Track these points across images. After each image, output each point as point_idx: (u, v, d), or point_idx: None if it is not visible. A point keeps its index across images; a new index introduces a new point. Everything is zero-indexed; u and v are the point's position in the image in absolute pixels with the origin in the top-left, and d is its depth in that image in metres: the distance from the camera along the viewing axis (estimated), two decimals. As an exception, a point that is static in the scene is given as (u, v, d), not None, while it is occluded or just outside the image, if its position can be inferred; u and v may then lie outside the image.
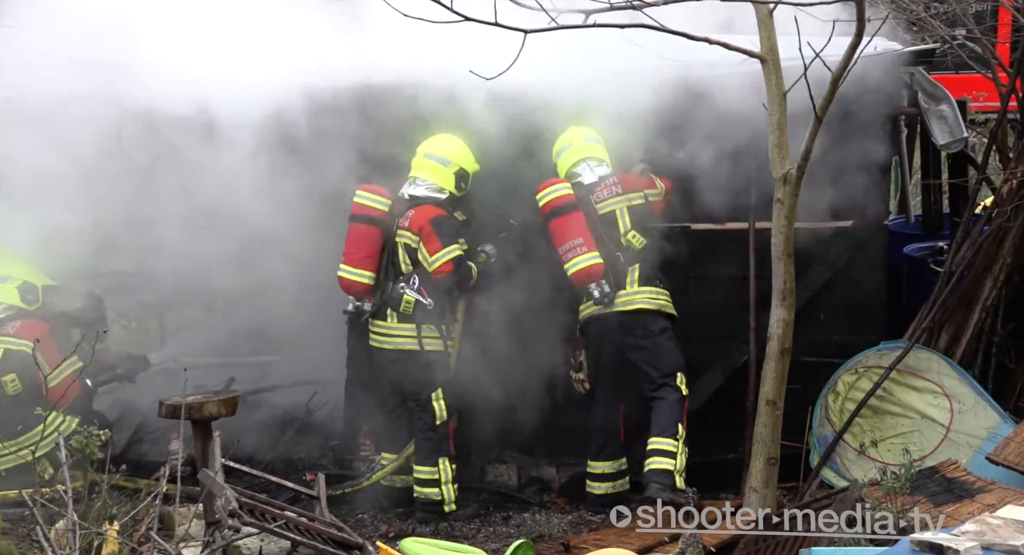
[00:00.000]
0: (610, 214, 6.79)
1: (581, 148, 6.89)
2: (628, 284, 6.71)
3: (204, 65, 6.43)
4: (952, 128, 7.26)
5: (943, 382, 6.83)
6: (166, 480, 5.45)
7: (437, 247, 6.73)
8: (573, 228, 6.65)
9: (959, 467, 6.26)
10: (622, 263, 6.71)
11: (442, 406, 6.83)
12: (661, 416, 6.69)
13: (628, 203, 6.80)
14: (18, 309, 7.16)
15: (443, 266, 6.73)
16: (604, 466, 6.91)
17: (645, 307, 6.70)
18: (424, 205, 6.81)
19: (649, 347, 6.70)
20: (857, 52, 5.60)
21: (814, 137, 5.90)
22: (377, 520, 6.96)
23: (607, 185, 6.83)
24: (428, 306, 6.75)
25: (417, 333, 6.77)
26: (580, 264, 6.62)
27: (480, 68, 5.26)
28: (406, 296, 6.75)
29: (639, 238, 6.75)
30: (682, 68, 6.61)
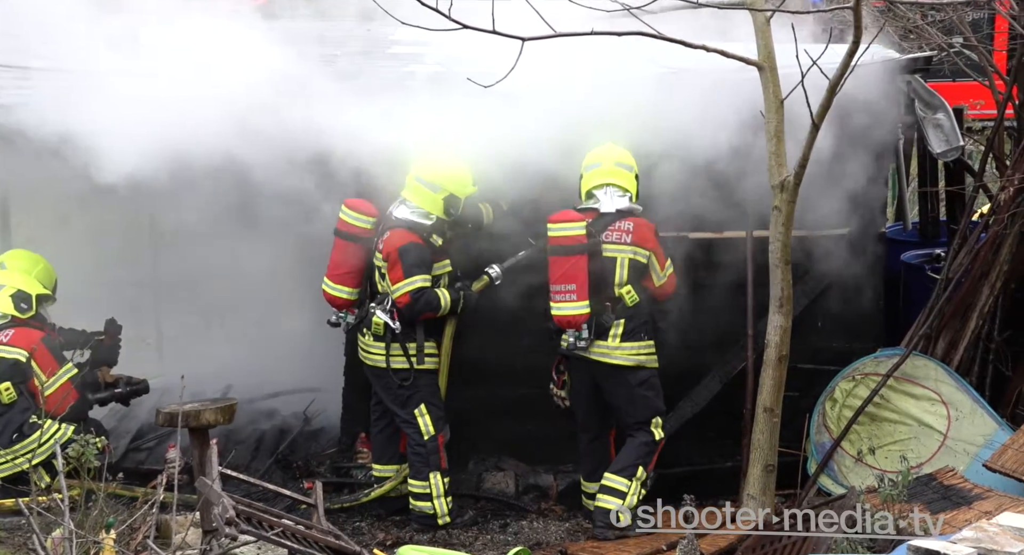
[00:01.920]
0: (611, 260, 6.60)
1: (608, 172, 6.66)
2: (610, 337, 6.57)
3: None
4: (948, 136, 7.28)
5: (940, 389, 6.83)
6: (163, 488, 5.45)
7: (398, 277, 6.68)
8: (571, 271, 6.50)
9: (956, 474, 6.25)
10: (608, 315, 6.57)
11: (427, 422, 6.81)
12: (625, 454, 6.67)
13: (632, 256, 6.60)
14: (11, 317, 7.15)
15: (401, 297, 6.69)
16: (597, 486, 6.78)
17: (623, 363, 6.62)
18: (399, 229, 6.73)
19: (624, 396, 6.65)
20: (854, 60, 5.61)
21: (811, 145, 5.91)
22: (374, 528, 6.95)
23: (620, 229, 6.60)
24: (395, 330, 6.74)
25: (386, 351, 6.77)
26: (565, 310, 6.52)
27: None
28: (375, 318, 6.75)
29: (633, 295, 6.60)
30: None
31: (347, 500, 7.08)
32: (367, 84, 6.97)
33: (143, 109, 6.47)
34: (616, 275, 6.60)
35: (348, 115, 6.51)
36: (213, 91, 6.54)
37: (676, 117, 6.55)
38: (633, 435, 6.69)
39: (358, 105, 6.58)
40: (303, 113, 6.55)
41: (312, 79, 6.84)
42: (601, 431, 6.88)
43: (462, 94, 5.83)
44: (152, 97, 6.55)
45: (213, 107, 6.46)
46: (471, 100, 5.83)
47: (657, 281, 6.66)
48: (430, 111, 6.57)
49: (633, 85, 6.67)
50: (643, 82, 6.67)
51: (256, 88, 6.59)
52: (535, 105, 6.39)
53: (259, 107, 6.54)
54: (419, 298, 6.67)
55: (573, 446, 7.07)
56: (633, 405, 6.64)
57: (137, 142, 6.39)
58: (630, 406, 6.65)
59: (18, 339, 7.05)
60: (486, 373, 7.04)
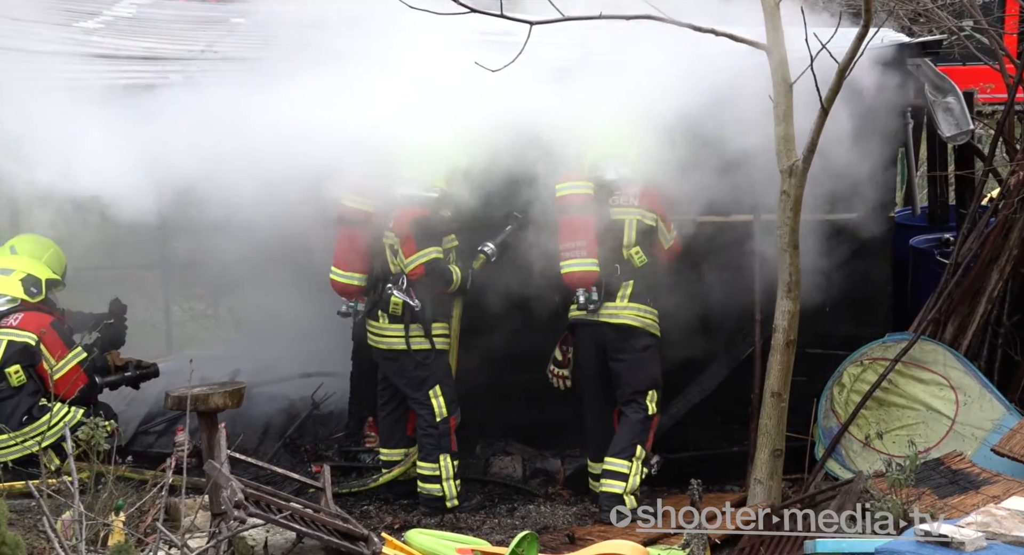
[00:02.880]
0: (619, 222, 6.68)
1: (613, 142, 6.72)
2: (618, 297, 6.64)
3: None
4: (958, 120, 7.24)
5: (949, 374, 6.82)
6: (172, 471, 5.47)
7: (412, 250, 6.71)
8: (579, 229, 6.57)
9: (964, 459, 6.26)
10: (617, 275, 6.63)
11: (441, 403, 6.83)
12: (621, 435, 6.70)
13: (640, 217, 6.68)
14: (21, 301, 7.17)
15: (415, 269, 6.71)
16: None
17: (631, 323, 6.66)
18: (407, 207, 6.76)
19: (628, 361, 6.67)
20: (863, 44, 5.59)
21: (820, 129, 5.90)
22: (382, 512, 6.97)
23: (627, 193, 6.69)
24: (415, 307, 6.74)
25: (405, 333, 6.78)
26: (575, 267, 6.56)
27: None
28: (394, 298, 6.76)
29: (641, 256, 6.67)
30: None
31: (356, 485, 7.11)
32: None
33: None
34: (625, 236, 6.67)
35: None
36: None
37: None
38: (627, 412, 6.70)
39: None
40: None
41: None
42: (606, 407, 6.87)
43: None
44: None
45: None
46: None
47: (665, 242, 6.77)
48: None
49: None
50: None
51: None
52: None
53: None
54: (433, 269, 6.69)
55: (580, 431, 7.08)
56: (634, 371, 6.68)
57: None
58: (631, 372, 6.68)
59: (27, 323, 7.07)
60: (493, 357, 7.04)
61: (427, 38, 6.22)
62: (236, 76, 6.84)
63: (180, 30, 8.15)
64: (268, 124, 6.59)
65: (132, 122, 6.58)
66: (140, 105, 6.67)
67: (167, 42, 7.77)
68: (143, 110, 6.62)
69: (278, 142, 6.55)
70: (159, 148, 6.56)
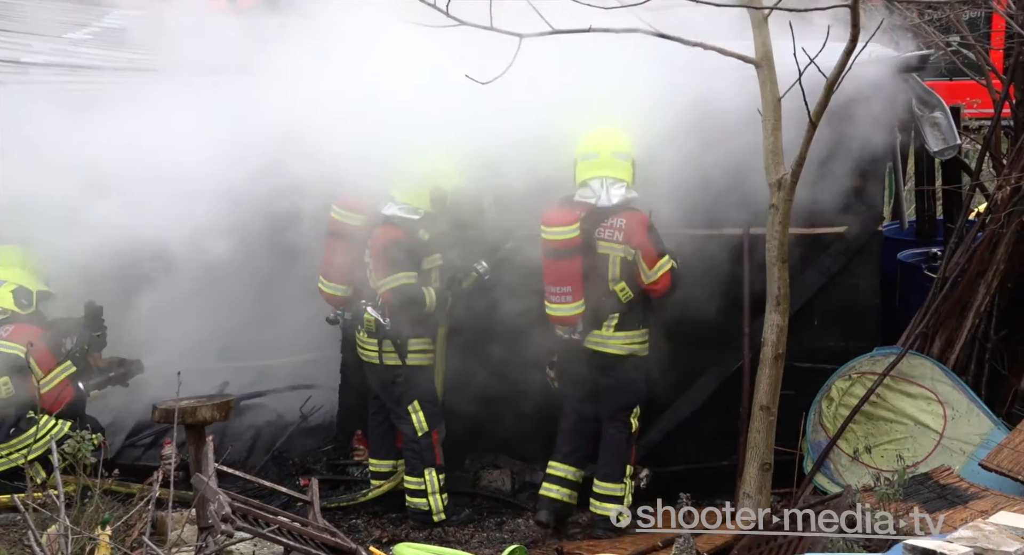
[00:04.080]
0: (604, 257, 6.57)
1: (605, 163, 6.55)
2: (604, 327, 6.57)
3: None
4: (945, 135, 7.28)
5: (937, 388, 6.83)
6: (159, 485, 5.45)
7: (383, 273, 6.72)
8: (566, 274, 6.46)
9: (952, 473, 6.26)
10: (604, 309, 6.56)
11: (421, 418, 6.82)
12: (607, 458, 6.66)
13: (623, 254, 6.54)
14: (12, 313, 7.15)
15: (385, 294, 6.72)
16: (567, 470, 6.74)
17: (616, 352, 6.61)
18: (388, 226, 6.75)
19: (614, 381, 6.64)
20: (851, 59, 5.61)
21: (809, 143, 5.92)
22: (371, 525, 6.95)
23: (612, 227, 6.52)
24: (385, 326, 6.74)
25: (379, 348, 6.79)
26: (561, 311, 6.49)
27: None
28: (366, 314, 6.77)
29: (627, 292, 6.56)
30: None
31: (344, 499, 7.09)
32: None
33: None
34: (610, 272, 6.58)
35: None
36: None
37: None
38: (610, 430, 6.66)
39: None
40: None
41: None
42: (583, 417, 6.76)
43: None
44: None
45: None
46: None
47: (646, 279, 6.54)
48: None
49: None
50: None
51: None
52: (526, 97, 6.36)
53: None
54: (403, 295, 6.67)
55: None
56: (620, 391, 6.65)
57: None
58: (617, 392, 6.65)
59: (17, 335, 7.05)
60: (481, 370, 7.03)
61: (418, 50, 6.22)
62: (217, 88, 6.85)
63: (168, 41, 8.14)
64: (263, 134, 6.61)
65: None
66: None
67: (153, 53, 7.77)
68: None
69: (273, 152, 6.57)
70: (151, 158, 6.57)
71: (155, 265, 7.22)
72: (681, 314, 6.92)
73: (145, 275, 7.36)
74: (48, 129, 6.73)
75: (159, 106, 6.86)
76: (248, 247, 7.04)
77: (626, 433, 6.66)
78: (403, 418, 6.85)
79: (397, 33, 6.03)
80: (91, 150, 6.70)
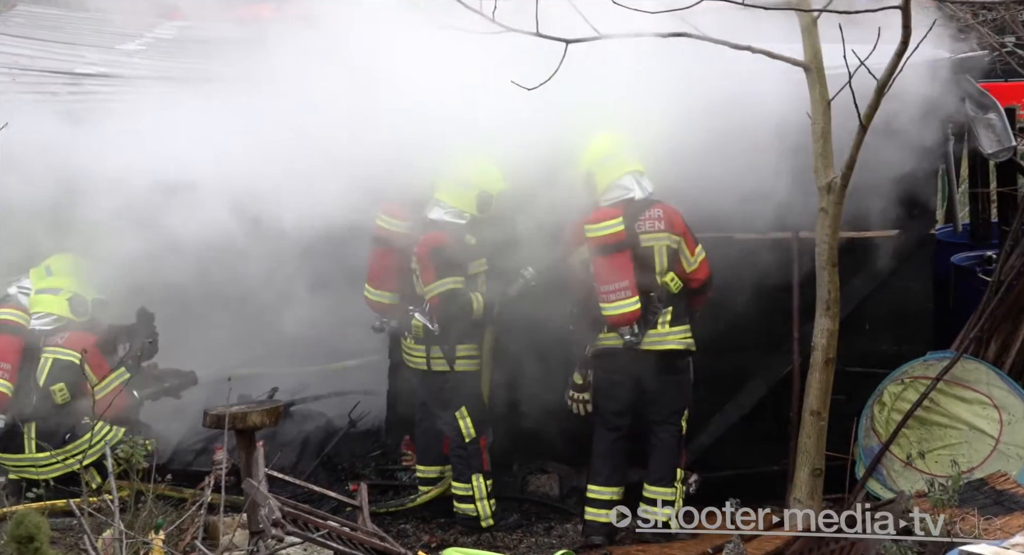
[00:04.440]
0: (649, 249, 6.56)
1: (628, 159, 6.61)
2: (659, 324, 6.54)
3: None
4: (1000, 136, 7.19)
5: (992, 393, 6.74)
6: (211, 490, 5.50)
7: (431, 278, 6.71)
8: (621, 269, 6.43)
9: (1009, 479, 6.17)
10: (656, 304, 6.53)
11: (468, 424, 6.82)
12: (659, 462, 6.61)
13: (668, 243, 6.55)
14: (68, 320, 7.25)
15: (432, 299, 6.72)
16: (610, 492, 6.67)
17: (676, 347, 6.58)
18: (433, 232, 6.76)
19: (671, 382, 6.60)
20: (902, 60, 5.55)
21: (859, 146, 5.86)
22: (419, 530, 6.97)
23: (652, 218, 6.55)
24: (434, 331, 6.75)
25: (427, 355, 6.80)
26: (621, 308, 6.43)
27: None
28: (414, 320, 6.78)
29: (676, 281, 6.54)
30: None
31: (393, 504, 7.11)
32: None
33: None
34: (657, 263, 6.55)
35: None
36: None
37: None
38: (659, 434, 6.60)
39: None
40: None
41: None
42: (629, 428, 6.73)
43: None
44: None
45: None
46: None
47: (688, 266, 6.56)
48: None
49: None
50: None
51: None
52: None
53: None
54: (450, 300, 6.68)
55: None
56: (677, 392, 6.61)
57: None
58: (674, 393, 6.60)
59: (72, 342, 7.15)
60: (529, 376, 7.02)
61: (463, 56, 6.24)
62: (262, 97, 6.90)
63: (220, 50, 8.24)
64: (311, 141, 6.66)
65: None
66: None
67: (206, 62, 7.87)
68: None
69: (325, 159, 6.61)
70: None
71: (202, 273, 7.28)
72: (731, 319, 6.88)
73: (195, 282, 7.44)
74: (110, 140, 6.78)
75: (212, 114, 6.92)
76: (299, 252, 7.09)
77: (677, 436, 6.62)
78: (451, 424, 6.86)
79: (442, 39, 6.03)
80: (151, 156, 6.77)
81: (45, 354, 7.12)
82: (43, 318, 7.23)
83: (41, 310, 7.24)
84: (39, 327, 7.21)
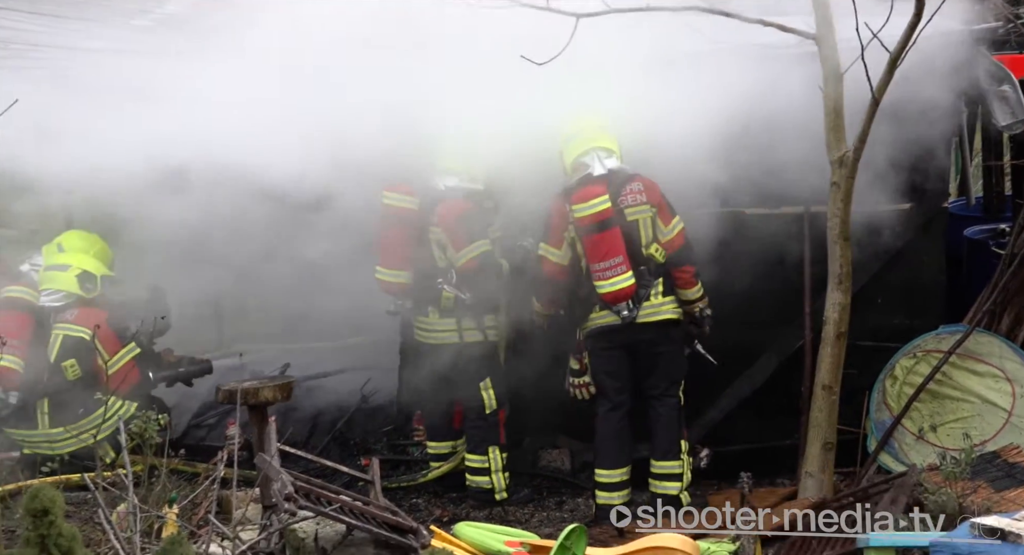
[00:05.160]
0: (634, 223, 6.56)
1: (592, 137, 6.61)
2: (653, 296, 6.55)
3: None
4: (1014, 109, 7.12)
5: (1005, 366, 6.72)
6: (224, 464, 5.52)
7: (462, 243, 6.71)
8: (612, 245, 6.43)
9: (1021, 452, 6.18)
10: (647, 277, 6.54)
11: (491, 395, 6.85)
12: (662, 436, 6.60)
13: (651, 214, 6.56)
14: (77, 297, 7.28)
15: (468, 263, 6.71)
16: (619, 474, 6.66)
17: (671, 317, 6.59)
18: (452, 200, 6.76)
19: (667, 353, 6.61)
20: (915, 33, 5.51)
21: (871, 119, 5.84)
22: (431, 504, 7.00)
23: (633, 191, 6.56)
24: (466, 300, 6.75)
25: (458, 327, 6.81)
26: (617, 285, 6.43)
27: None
28: (445, 292, 6.77)
29: (662, 251, 6.56)
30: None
31: (405, 479, 7.14)
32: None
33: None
34: (643, 236, 6.56)
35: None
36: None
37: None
38: (659, 408, 6.60)
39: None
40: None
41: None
42: (631, 404, 6.72)
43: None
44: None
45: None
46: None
47: (662, 236, 6.59)
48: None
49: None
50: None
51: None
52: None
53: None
54: (485, 262, 6.70)
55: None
56: (672, 361, 6.63)
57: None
58: (670, 364, 6.62)
59: (82, 318, 7.18)
60: (541, 350, 7.03)
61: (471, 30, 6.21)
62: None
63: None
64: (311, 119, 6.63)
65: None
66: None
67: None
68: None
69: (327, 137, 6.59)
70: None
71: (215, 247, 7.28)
72: (742, 293, 6.87)
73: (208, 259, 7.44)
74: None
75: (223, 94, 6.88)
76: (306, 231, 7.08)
77: (677, 408, 6.63)
78: (474, 396, 6.86)
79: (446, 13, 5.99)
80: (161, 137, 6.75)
81: (56, 330, 7.16)
82: (52, 294, 7.26)
83: (50, 286, 7.27)
84: (48, 303, 7.24)
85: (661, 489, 6.60)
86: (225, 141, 6.66)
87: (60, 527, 3.59)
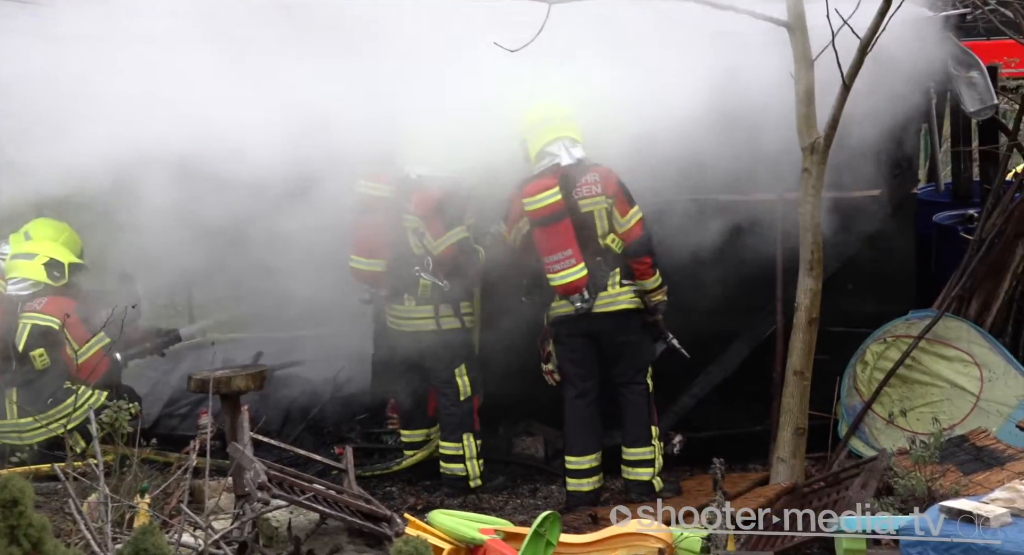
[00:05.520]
0: (589, 214, 6.56)
1: (559, 126, 6.58)
2: (609, 286, 6.56)
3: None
4: (982, 95, 7.17)
5: (973, 351, 6.78)
6: (196, 454, 5.50)
7: (440, 231, 6.70)
8: (562, 238, 6.44)
9: (989, 435, 6.23)
10: (603, 268, 6.55)
11: (466, 382, 6.85)
12: (633, 422, 6.63)
13: (607, 205, 6.55)
14: (45, 285, 7.21)
15: (446, 250, 6.72)
16: (589, 460, 6.69)
17: (628, 307, 6.60)
18: (428, 186, 6.73)
19: (631, 342, 6.62)
20: (885, 19, 5.54)
21: (842, 105, 5.86)
22: (405, 493, 7.00)
23: (589, 183, 6.55)
24: (444, 288, 6.75)
25: (435, 314, 6.81)
26: (567, 277, 6.44)
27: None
28: (422, 280, 6.77)
29: (618, 242, 6.57)
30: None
31: (379, 468, 7.14)
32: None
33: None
34: (598, 227, 6.56)
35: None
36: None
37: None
38: (628, 395, 6.63)
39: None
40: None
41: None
42: (598, 392, 6.74)
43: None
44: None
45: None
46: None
47: (619, 227, 6.58)
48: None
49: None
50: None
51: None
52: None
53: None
54: (463, 249, 6.71)
55: (603, 411, 7.03)
56: (637, 350, 6.64)
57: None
58: (634, 352, 6.63)
59: (50, 307, 7.12)
60: (515, 337, 7.03)
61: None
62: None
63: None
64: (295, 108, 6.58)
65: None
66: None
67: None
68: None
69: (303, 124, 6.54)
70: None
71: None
72: (713, 280, 6.89)
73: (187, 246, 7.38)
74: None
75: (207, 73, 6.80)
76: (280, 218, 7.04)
77: (646, 395, 6.65)
78: (448, 382, 6.86)
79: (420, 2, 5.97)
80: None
81: (23, 319, 7.09)
82: (19, 283, 7.19)
83: (16, 275, 7.20)
84: (15, 292, 7.17)
85: (633, 475, 6.64)
86: (192, 129, 6.61)
87: (30, 518, 3.56)
